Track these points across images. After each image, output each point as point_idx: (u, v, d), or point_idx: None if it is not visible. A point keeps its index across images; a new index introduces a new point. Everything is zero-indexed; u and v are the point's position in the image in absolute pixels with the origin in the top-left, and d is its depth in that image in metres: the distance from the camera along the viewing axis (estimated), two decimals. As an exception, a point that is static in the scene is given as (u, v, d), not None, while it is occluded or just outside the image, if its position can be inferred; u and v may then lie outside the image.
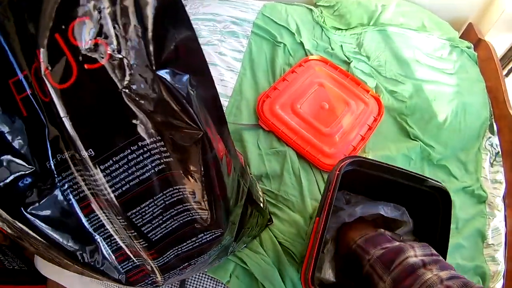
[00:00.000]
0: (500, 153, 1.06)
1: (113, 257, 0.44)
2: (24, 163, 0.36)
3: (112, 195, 0.37)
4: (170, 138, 0.36)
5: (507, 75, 1.28)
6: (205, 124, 0.37)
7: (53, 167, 0.37)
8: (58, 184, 0.38)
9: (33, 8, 0.30)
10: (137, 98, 0.33)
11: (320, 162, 0.86)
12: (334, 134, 0.90)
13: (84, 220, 0.40)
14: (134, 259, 0.45)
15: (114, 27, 0.31)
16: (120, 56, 0.32)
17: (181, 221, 0.43)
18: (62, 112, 0.32)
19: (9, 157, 0.35)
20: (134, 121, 0.34)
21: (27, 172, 0.36)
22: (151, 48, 0.32)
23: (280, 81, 0.96)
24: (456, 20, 1.25)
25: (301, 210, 0.82)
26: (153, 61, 0.33)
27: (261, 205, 0.68)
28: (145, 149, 0.35)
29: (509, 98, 1.09)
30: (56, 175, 0.37)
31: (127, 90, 0.32)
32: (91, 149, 0.34)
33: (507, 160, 1.04)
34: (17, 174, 0.36)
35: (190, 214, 0.42)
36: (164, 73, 0.33)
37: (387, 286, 0.45)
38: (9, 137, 0.35)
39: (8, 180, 0.36)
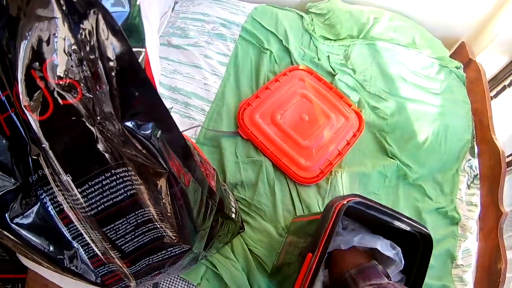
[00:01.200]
0: (478, 175, 1.07)
1: (89, 263, 0.48)
2: (8, 179, 0.40)
3: (89, 213, 0.41)
4: (139, 171, 0.40)
5: (495, 96, 1.28)
6: (170, 162, 0.41)
7: (35, 181, 0.40)
8: (40, 197, 0.42)
9: (10, 37, 0.34)
10: (108, 135, 0.37)
11: (295, 174, 0.87)
12: (312, 147, 0.91)
13: (63, 229, 0.44)
14: (109, 265, 0.49)
15: (84, 71, 0.35)
16: (91, 96, 0.35)
17: (151, 237, 0.47)
18: (43, 141, 0.36)
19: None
20: (106, 154, 0.38)
21: (11, 187, 0.40)
22: (116, 103, 0.36)
23: (263, 89, 0.96)
24: (449, 38, 1.26)
25: (273, 220, 0.84)
26: (119, 114, 0.37)
27: (233, 215, 0.71)
28: (117, 176, 0.40)
29: (493, 123, 1.10)
30: (38, 189, 0.41)
31: (99, 126, 0.36)
32: (69, 174, 0.38)
33: (485, 184, 1.06)
34: (3, 190, 0.40)
35: (159, 232, 0.47)
36: (129, 124, 0.37)
37: None
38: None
39: None
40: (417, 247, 0.61)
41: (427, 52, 1.12)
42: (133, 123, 0.37)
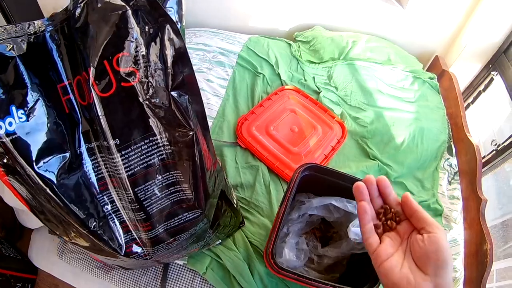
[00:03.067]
0: (458, 172, 1.20)
1: (119, 227, 0.57)
2: (62, 146, 0.51)
3: (125, 175, 0.52)
4: (172, 135, 0.53)
5: (472, 102, 1.42)
6: (195, 127, 0.55)
7: (83, 152, 0.52)
8: (84, 165, 0.52)
9: (84, 40, 0.48)
10: (153, 108, 0.52)
11: (287, 175, 1.03)
12: (301, 152, 1.07)
13: (99, 195, 0.54)
14: (133, 232, 0.58)
15: (145, 62, 0.50)
16: (146, 80, 0.50)
17: (172, 200, 0.57)
18: (100, 112, 0.48)
19: (54, 140, 0.50)
20: (149, 124, 0.51)
21: (63, 154, 0.51)
22: (168, 78, 0.52)
23: (257, 106, 1.15)
24: (424, 54, 1.43)
25: (269, 215, 0.97)
26: (169, 86, 0.52)
27: (234, 205, 0.83)
28: (154, 142, 0.52)
29: (467, 123, 1.24)
30: (83, 159, 0.52)
31: (147, 102, 0.51)
32: (117, 139, 0.50)
33: (464, 178, 1.18)
34: (57, 154, 0.50)
35: (180, 195, 0.57)
36: (174, 93, 0.53)
37: None
38: (54, 126, 0.50)
39: (50, 158, 0.50)
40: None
41: (401, 67, 1.29)
42: (176, 93, 0.51)
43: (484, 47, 1.32)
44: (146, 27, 0.49)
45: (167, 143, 0.53)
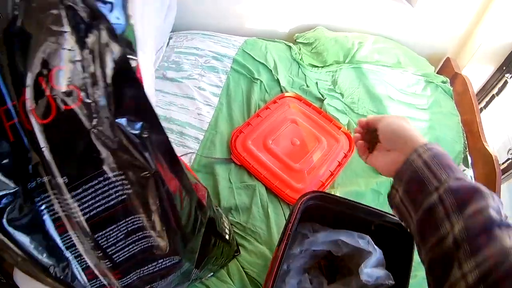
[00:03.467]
0: (475, 186, 1.09)
1: (83, 274, 0.49)
2: (9, 182, 0.43)
3: (82, 218, 0.44)
4: (130, 174, 0.44)
5: (485, 107, 1.32)
6: (157, 164, 0.45)
7: (33, 188, 0.44)
8: (37, 204, 0.44)
9: (22, 51, 0.39)
10: (102, 138, 0.41)
11: (288, 196, 0.92)
12: (304, 169, 0.95)
13: (58, 238, 0.46)
14: (101, 278, 0.51)
15: (85, 78, 0.40)
16: (89, 101, 0.40)
17: (141, 246, 0.50)
18: (42, 143, 0.40)
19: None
20: (100, 157, 0.42)
21: (11, 191, 0.43)
22: (110, 100, 0.41)
23: (254, 117, 1.03)
24: (434, 55, 1.32)
25: (268, 242, 0.87)
26: (113, 110, 0.42)
27: (226, 236, 0.74)
28: (109, 181, 0.43)
29: (483, 131, 1.13)
30: (35, 196, 0.44)
31: (95, 130, 0.41)
32: (65, 177, 0.41)
33: None
34: (3, 192, 0.42)
35: (149, 241, 0.50)
36: (121, 120, 0.42)
37: (455, 230, 0.37)
38: (-2, 158, 0.42)
39: None
40: (399, 241, 0.64)
41: (412, 70, 1.18)
42: (124, 120, 0.42)
43: (498, 47, 1.22)
44: (81, 31, 0.39)
45: (126, 181, 0.44)
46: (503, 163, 1.21)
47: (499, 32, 1.18)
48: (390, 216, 0.65)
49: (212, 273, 0.77)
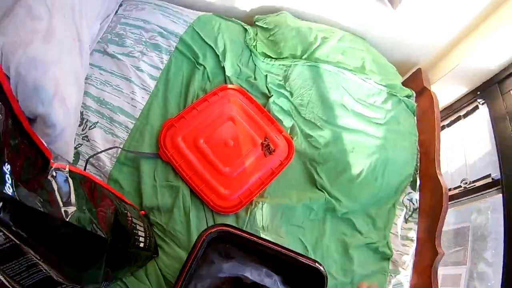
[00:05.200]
0: (418, 209, 1.05)
1: None
2: None
3: None
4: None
5: (449, 125, 1.26)
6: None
7: None
8: None
9: None
10: None
11: (212, 203, 0.87)
12: (232, 174, 0.90)
13: None
14: None
15: None
16: None
17: (42, 276, 0.53)
18: None
19: None
20: None
21: None
22: None
23: (189, 109, 0.94)
24: (405, 63, 1.24)
25: (187, 247, 0.84)
26: None
27: (141, 244, 0.72)
28: None
29: (439, 157, 1.08)
30: None
31: None
32: None
33: (423, 220, 1.06)
34: None
35: (46, 273, 0.52)
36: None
37: None
38: None
39: None
40: (313, 283, 0.63)
41: (376, 79, 1.08)
42: None
43: (477, 71, 1.15)
44: None
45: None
46: (454, 188, 1.16)
47: (481, 56, 1.10)
48: (301, 257, 0.62)
49: (130, 273, 0.78)
